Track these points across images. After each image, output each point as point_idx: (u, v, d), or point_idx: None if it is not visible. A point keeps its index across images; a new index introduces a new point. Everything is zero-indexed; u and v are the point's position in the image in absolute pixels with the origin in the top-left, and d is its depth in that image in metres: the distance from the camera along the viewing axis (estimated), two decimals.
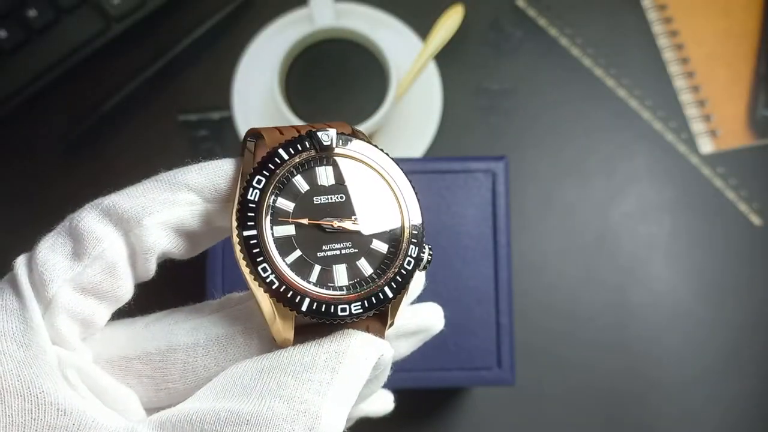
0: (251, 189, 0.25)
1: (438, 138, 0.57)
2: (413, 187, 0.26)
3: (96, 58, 0.57)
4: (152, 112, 0.57)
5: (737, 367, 0.55)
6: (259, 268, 0.24)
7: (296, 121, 0.55)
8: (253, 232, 0.24)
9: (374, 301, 0.25)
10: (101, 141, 0.57)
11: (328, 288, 0.25)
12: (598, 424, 0.54)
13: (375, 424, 0.35)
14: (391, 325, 0.27)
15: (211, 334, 0.26)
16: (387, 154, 0.26)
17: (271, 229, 0.25)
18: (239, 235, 0.24)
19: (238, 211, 0.25)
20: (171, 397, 0.26)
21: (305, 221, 0.25)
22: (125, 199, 0.25)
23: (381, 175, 0.26)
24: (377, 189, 0.26)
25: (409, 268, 0.26)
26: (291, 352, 0.24)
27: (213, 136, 0.57)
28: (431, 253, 0.26)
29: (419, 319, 0.29)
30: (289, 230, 0.25)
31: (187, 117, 0.57)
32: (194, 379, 0.26)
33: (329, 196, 0.26)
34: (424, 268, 0.26)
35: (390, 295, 0.25)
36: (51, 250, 0.24)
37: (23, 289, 0.24)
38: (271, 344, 0.25)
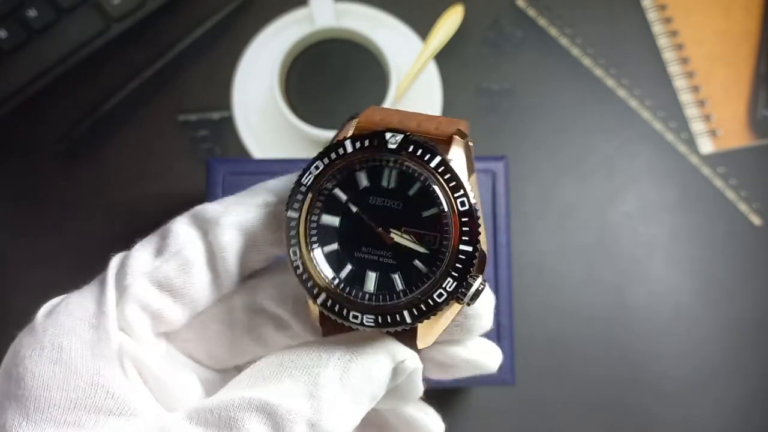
0: (307, 173, 0.25)
1: None
2: (478, 218, 0.24)
3: (96, 58, 0.57)
4: (152, 112, 0.57)
5: (737, 366, 0.55)
6: (291, 250, 0.25)
7: (296, 121, 0.55)
8: (295, 214, 0.25)
9: (389, 321, 0.24)
10: (101, 141, 0.57)
11: (351, 290, 0.24)
12: (597, 424, 0.54)
13: None
14: (427, 343, 0.26)
15: (294, 294, 0.27)
16: (458, 175, 0.24)
17: (318, 215, 0.25)
18: (284, 214, 0.25)
19: (291, 190, 0.25)
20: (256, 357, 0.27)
21: (354, 209, 0.25)
22: (213, 204, 0.27)
23: (444, 195, 0.24)
24: (437, 206, 0.24)
25: (439, 300, 0.24)
26: (310, 347, 0.25)
27: (213, 136, 0.57)
28: (482, 287, 0.24)
29: (467, 352, 0.28)
30: (334, 221, 0.25)
31: (187, 117, 0.57)
32: (287, 336, 0.27)
33: (386, 200, 0.25)
34: (470, 302, 0.24)
35: (408, 320, 0.24)
36: (141, 246, 0.27)
37: (107, 276, 0.26)
38: None
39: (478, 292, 0.24)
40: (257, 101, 0.57)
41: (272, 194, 0.26)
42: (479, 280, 0.24)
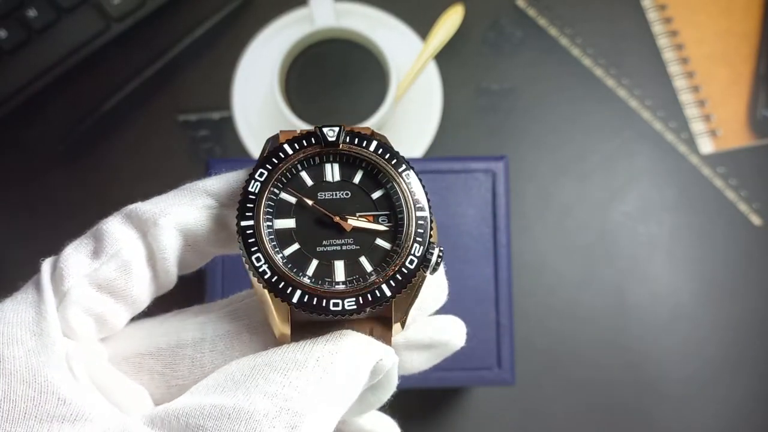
0: (253, 181, 0.25)
1: (438, 138, 0.57)
2: (423, 186, 0.26)
3: (96, 58, 0.57)
4: (152, 112, 0.57)
5: (737, 366, 0.55)
6: (253, 257, 0.24)
7: (296, 121, 0.55)
8: (250, 222, 0.25)
9: (369, 298, 0.24)
10: (101, 141, 0.57)
11: (324, 283, 0.25)
12: (597, 424, 0.54)
13: None
14: (399, 330, 0.26)
15: (218, 330, 0.26)
16: (397, 153, 0.26)
17: (271, 221, 0.25)
18: (237, 225, 0.25)
19: (239, 202, 0.25)
20: (182, 392, 0.26)
21: (310, 202, 0.25)
22: (147, 204, 0.26)
23: (389, 172, 0.26)
24: (383, 186, 0.26)
25: (411, 267, 0.25)
26: (285, 350, 0.24)
27: (213, 136, 0.57)
28: (441, 255, 0.25)
29: (434, 330, 0.28)
30: (289, 223, 0.25)
31: (187, 117, 0.57)
32: (202, 375, 0.26)
33: (334, 193, 0.26)
34: (434, 270, 0.25)
35: (387, 293, 0.24)
36: (74, 249, 0.25)
37: (43, 282, 0.25)
38: (275, 340, 0.25)
39: (439, 261, 0.25)
40: (257, 101, 0.57)
41: (211, 196, 0.26)
42: (437, 249, 0.25)
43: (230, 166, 0.46)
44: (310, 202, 0.25)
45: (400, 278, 0.25)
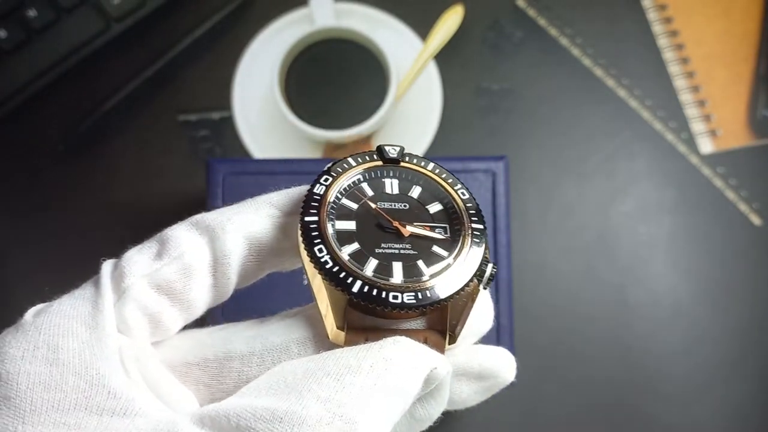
0: (317, 185, 0.26)
1: (438, 138, 0.57)
2: (477, 204, 0.27)
3: (96, 58, 0.57)
4: (152, 112, 0.57)
5: (737, 366, 0.55)
6: (316, 248, 0.25)
7: (296, 121, 0.55)
8: (315, 218, 0.26)
9: (428, 295, 0.25)
10: (101, 141, 0.57)
11: (383, 277, 0.25)
12: (598, 424, 0.54)
13: None
14: (453, 340, 0.26)
15: (267, 344, 0.26)
16: (452, 173, 0.28)
17: (333, 221, 0.26)
18: (301, 221, 0.26)
19: (303, 201, 0.26)
20: None
21: (373, 205, 0.27)
22: (213, 213, 0.27)
23: (446, 189, 0.27)
24: (441, 202, 0.27)
25: (468, 274, 0.26)
26: (338, 355, 0.24)
27: (213, 136, 0.57)
28: (494, 270, 0.26)
29: (483, 357, 0.28)
30: (350, 225, 0.26)
31: (187, 117, 0.57)
32: None
33: (393, 203, 0.27)
34: (487, 284, 0.26)
35: (446, 293, 0.25)
36: (137, 251, 0.26)
37: (102, 278, 0.25)
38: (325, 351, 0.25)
39: (493, 274, 0.26)
40: (257, 101, 0.57)
41: (275, 207, 0.27)
42: (491, 264, 0.26)
43: (230, 166, 0.46)
44: (373, 206, 0.27)
45: (457, 281, 0.25)
